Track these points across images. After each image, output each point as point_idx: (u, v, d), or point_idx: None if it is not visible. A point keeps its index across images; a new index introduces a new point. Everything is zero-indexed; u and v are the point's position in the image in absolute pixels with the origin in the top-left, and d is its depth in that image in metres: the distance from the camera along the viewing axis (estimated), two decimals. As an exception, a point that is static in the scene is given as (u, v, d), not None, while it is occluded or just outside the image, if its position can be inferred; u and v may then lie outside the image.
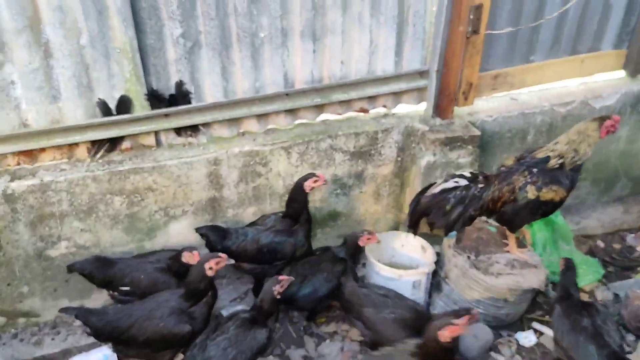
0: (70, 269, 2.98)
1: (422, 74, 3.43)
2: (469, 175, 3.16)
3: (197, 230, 3.13)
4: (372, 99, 3.45)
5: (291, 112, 3.33)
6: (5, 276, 3.03)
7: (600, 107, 3.81)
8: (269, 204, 3.41)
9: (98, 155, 3.05)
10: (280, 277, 2.83)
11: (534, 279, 3.32)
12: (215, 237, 3.11)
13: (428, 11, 3.26)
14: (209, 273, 2.73)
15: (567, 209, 4.00)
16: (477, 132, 3.46)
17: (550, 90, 3.83)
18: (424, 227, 3.28)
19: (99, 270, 2.98)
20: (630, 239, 4.05)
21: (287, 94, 3.23)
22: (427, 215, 3.20)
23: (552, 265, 3.54)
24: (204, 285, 2.76)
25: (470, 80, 3.45)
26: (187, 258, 2.97)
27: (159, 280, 2.97)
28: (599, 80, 3.93)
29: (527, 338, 3.34)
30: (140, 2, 2.77)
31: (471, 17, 3.21)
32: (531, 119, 3.68)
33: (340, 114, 3.45)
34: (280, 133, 3.33)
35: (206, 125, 3.19)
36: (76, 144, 3.00)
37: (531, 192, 3.03)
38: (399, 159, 3.54)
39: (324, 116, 3.44)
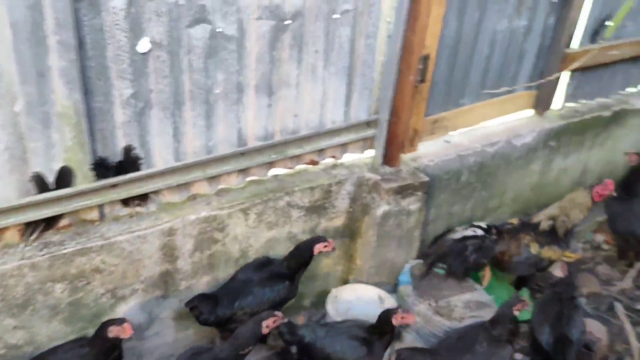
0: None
1: (370, 123, 3.40)
2: (485, 227, 3.47)
3: (187, 304, 2.89)
4: (321, 150, 3.34)
5: (243, 170, 3.10)
6: None
7: (521, 145, 4.05)
8: (224, 271, 3.14)
9: (32, 237, 2.59)
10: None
11: (491, 318, 3.41)
12: (206, 308, 2.88)
13: (377, 61, 3.24)
14: (265, 331, 2.62)
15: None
16: (426, 178, 3.50)
17: (477, 131, 4.00)
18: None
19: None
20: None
21: (242, 153, 3.01)
22: (443, 258, 3.50)
23: (499, 302, 3.66)
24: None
25: (416, 127, 3.49)
26: (116, 332, 2.53)
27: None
28: (515, 119, 4.19)
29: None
30: (87, 60, 2.40)
31: (420, 66, 3.24)
32: (465, 161, 3.81)
33: (291, 168, 3.29)
34: (235, 194, 3.08)
35: (156, 191, 2.86)
36: (6, 228, 2.51)
37: (534, 249, 3.43)
38: (351, 209, 3.46)
39: (274, 171, 3.26)
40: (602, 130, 4.55)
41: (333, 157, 3.43)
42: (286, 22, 2.83)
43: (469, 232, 3.59)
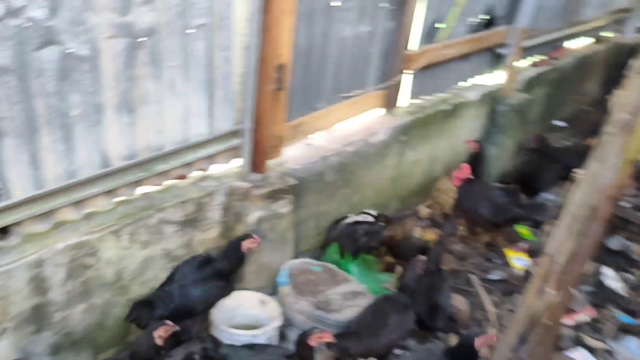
0: None
1: (235, 133, 3.48)
2: (374, 214, 4.11)
3: (127, 318, 3.05)
4: (188, 164, 3.36)
5: (110, 191, 3.04)
6: None
7: (376, 142, 4.36)
8: (101, 296, 3.05)
9: None
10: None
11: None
12: (144, 314, 3.03)
13: (235, 73, 3.33)
14: (158, 342, 2.71)
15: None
16: (294, 181, 3.66)
17: (336, 132, 4.24)
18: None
19: None
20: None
21: (107, 174, 2.95)
22: (340, 240, 3.98)
23: (373, 290, 3.92)
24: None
25: (279, 133, 3.63)
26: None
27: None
28: (369, 118, 4.50)
29: None
30: None
31: (277, 75, 3.38)
32: (328, 161, 4.02)
33: (159, 184, 3.28)
34: (104, 216, 3.01)
35: (17, 223, 2.71)
36: None
37: (418, 232, 4.13)
38: (224, 219, 3.51)
39: (143, 189, 3.22)
40: (444, 122, 5.02)
41: (201, 169, 3.46)
42: (141, 40, 2.82)
43: (360, 217, 4.08)
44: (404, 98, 4.73)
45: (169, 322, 2.74)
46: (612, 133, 2.62)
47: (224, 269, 3.26)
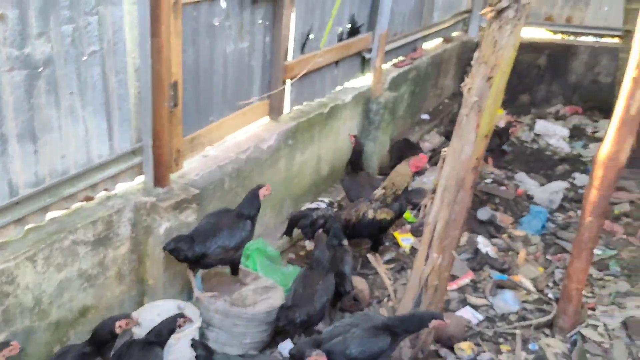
0: None
1: (135, 151, 3.65)
2: (327, 201, 5.04)
3: (165, 247, 3.61)
4: (94, 185, 3.49)
5: (20, 219, 3.11)
6: None
7: (267, 147, 4.69)
8: (21, 323, 3.10)
9: None
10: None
11: (278, 296, 3.97)
12: (184, 247, 3.59)
13: (130, 94, 3.51)
14: (118, 331, 3.06)
15: (261, 236, 4.78)
16: (196, 191, 3.89)
17: (230, 141, 4.52)
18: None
19: None
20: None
21: (16, 202, 3.02)
22: (297, 224, 4.66)
23: (281, 283, 4.23)
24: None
25: (178, 147, 3.85)
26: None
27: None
28: (258, 127, 4.83)
29: (287, 345, 3.94)
30: None
31: (171, 93, 3.61)
32: (225, 170, 4.29)
33: (68, 208, 3.38)
34: (17, 244, 3.07)
35: None
36: None
37: (371, 214, 4.63)
38: (134, 234, 3.67)
39: (52, 214, 3.31)
40: (325, 124, 5.47)
41: (106, 189, 3.59)
42: (39, 70, 2.95)
43: (314, 204, 4.95)
44: (288, 105, 5.10)
45: (134, 315, 3.14)
46: (466, 114, 3.16)
47: (247, 214, 3.90)
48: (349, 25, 5.71)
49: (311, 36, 5.13)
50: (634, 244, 5.46)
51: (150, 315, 3.71)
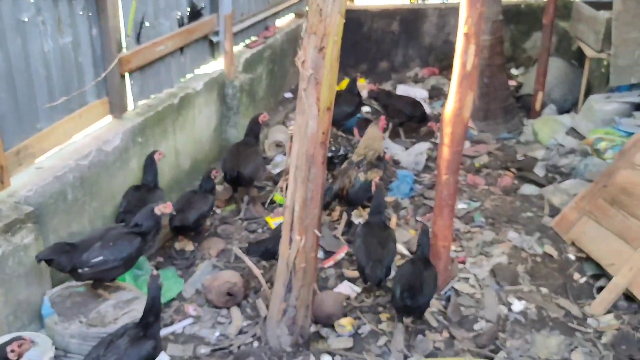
0: None
1: (-55, 174, 3.19)
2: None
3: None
4: None
5: None
6: None
7: (112, 149, 4.32)
8: None
9: None
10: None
11: (142, 307, 3.67)
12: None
13: None
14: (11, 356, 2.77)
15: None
16: (30, 208, 3.48)
17: (68, 148, 4.10)
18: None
19: None
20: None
21: None
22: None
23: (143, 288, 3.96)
24: None
25: (0, 163, 3.41)
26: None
27: None
28: (100, 127, 4.43)
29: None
30: None
31: (-22, 103, 3.17)
32: (64, 180, 3.88)
33: None
34: None
35: None
36: None
37: (362, 177, 4.86)
38: (-40, 268, 3.22)
39: None
40: (178, 116, 5.16)
41: None
42: None
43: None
44: (131, 101, 4.74)
45: (26, 337, 2.87)
46: (304, 88, 3.03)
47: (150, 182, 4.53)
48: (189, 9, 5.39)
49: (146, 24, 4.77)
50: (495, 193, 5.71)
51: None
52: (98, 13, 4.22)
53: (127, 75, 4.59)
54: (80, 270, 3.55)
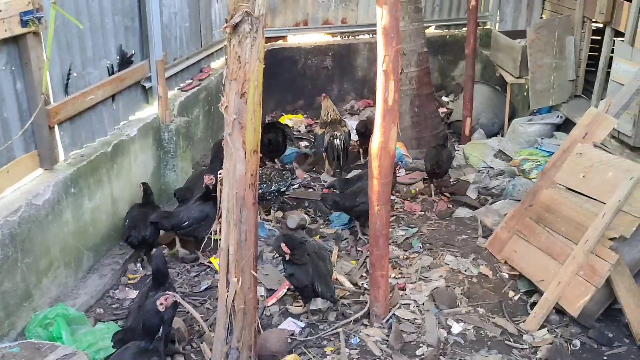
0: None
1: None
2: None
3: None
4: None
5: None
6: None
7: (43, 202, 4.25)
8: None
9: None
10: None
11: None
12: None
13: None
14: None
15: (59, 299, 4.36)
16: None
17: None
18: None
19: None
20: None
21: None
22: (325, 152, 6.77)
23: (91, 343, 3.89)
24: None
25: None
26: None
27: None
28: (30, 181, 4.36)
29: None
30: None
31: None
32: (-9, 238, 3.80)
33: None
34: None
35: None
36: None
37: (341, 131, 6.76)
38: None
39: None
40: (112, 164, 5.13)
41: None
42: None
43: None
44: (61, 152, 4.69)
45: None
46: (229, 133, 3.11)
47: None
48: (118, 57, 5.42)
49: (74, 74, 4.76)
50: (431, 217, 5.89)
51: None
52: (22, 67, 4.20)
53: (56, 126, 4.55)
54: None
